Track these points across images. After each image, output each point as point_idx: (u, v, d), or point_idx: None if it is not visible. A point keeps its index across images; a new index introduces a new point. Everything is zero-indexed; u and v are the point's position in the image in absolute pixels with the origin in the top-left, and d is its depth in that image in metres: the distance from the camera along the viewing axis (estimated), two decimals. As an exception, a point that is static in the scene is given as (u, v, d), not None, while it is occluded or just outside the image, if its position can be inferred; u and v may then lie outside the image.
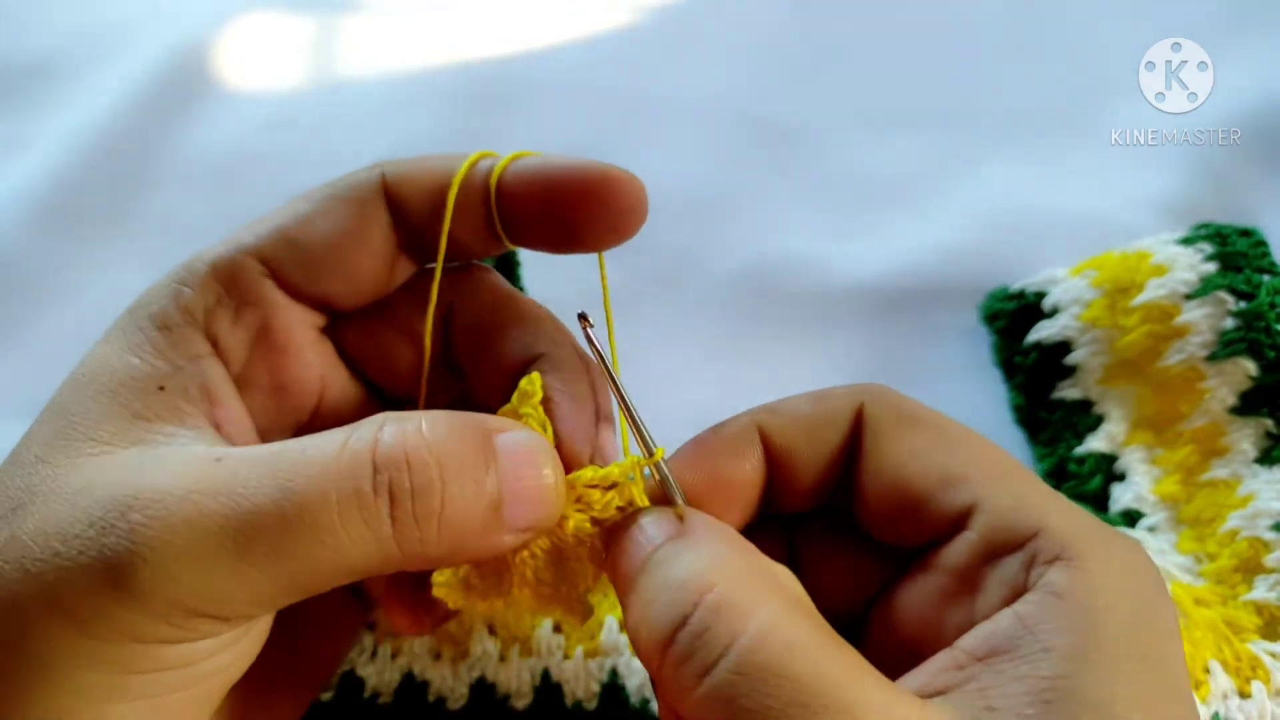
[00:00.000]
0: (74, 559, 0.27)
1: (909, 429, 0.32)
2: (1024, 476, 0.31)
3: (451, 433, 0.30)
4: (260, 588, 0.27)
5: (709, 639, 0.26)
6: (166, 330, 0.33)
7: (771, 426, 0.33)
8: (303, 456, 0.28)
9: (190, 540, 0.27)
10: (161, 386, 0.32)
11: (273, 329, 0.35)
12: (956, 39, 0.73)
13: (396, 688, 0.43)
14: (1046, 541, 0.28)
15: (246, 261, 0.35)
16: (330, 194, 0.36)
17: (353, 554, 0.28)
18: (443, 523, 0.29)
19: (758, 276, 0.61)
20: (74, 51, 0.75)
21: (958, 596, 0.30)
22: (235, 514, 0.27)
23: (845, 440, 0.33)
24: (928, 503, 0.31)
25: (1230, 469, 0.47)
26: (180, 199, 0.67)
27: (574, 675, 0.43)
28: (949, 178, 0.65)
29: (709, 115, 0.70)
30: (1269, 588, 0.43)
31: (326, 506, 0.27)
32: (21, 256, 0.64)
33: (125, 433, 0.30)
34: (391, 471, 0.28)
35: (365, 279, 0.36)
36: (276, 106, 0.72)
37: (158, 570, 0.26)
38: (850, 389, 0.34)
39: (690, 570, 0.28)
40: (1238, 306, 0.49)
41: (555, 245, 0.36)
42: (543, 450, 0.31)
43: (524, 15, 0.77)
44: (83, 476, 0.29)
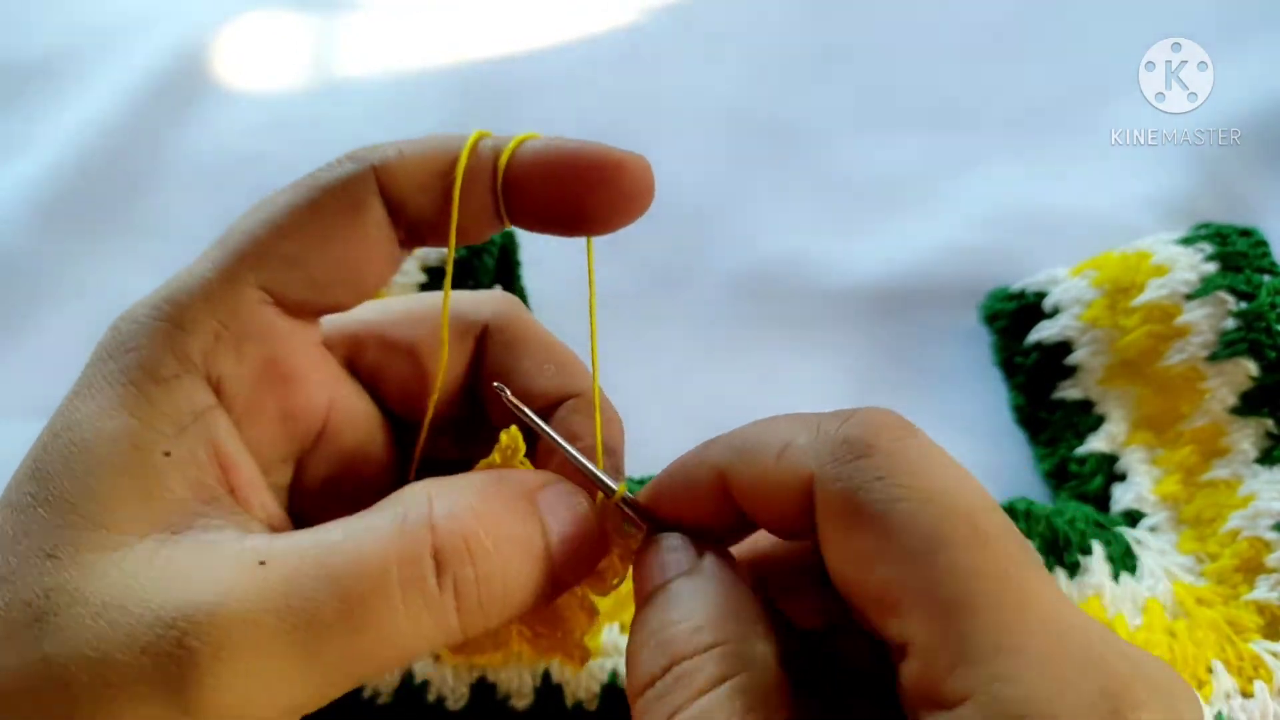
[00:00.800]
0: (129, 689, 0.25)
1: (857, 526, 0.27)
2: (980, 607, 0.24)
3: (504, 506, 0.30)
4: (325, 690, 0.27)
5: (663, 704, 0.26)
6: (163, 383, 0.30)
7: (734, 473, 0.31)
8: (359, 554, 0.27)
9: (254, 661, 0.26)
10: (167, 453, 0.29)
11: (278, 360, 0.33)
12: (956, 39, 0.73)
13: (396, 688, 0.43)
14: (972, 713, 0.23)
15: (242, 289, 0.31)
16: (318, 197, 0.32)
17: (416, 645, 0.28)
18: (505, 602, 0.29)
19: (758, 276, 0.61)
20: (74, 51, 0.75)
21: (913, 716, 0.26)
22: (299, 630, 0.26)
23: (805, 506, 0.29)
24: (871, 621, 0.27)
25: (1231, 469, 0.47)
26: (180, 199, 0.67)
27: (575, 676, 0.43)
28: (949, 178, 0.65)
29: (709, 115, 0.70)
30: (1270, 587, 0.43)
31: (391, 609, 0.27)
32: (21, 256, 0.64)
33: (137, 515, 0.28)
34: (455, 567, 0.28)
35: (368, 281, 0.34)
36: (276, 106, 0.72)
37: (226, 693, 0.26)
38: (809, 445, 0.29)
39: (678, 629, 0.28)
40: (1238, 307, 0.49)
41: (558, 227, 0.34)
42: (580, 499, 0.32)
43: (524, 15, 0.77)
44: (108, 583, 0.26)
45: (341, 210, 0.32)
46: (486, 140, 0.34)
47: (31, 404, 0.32)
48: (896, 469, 0.27)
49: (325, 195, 0.32)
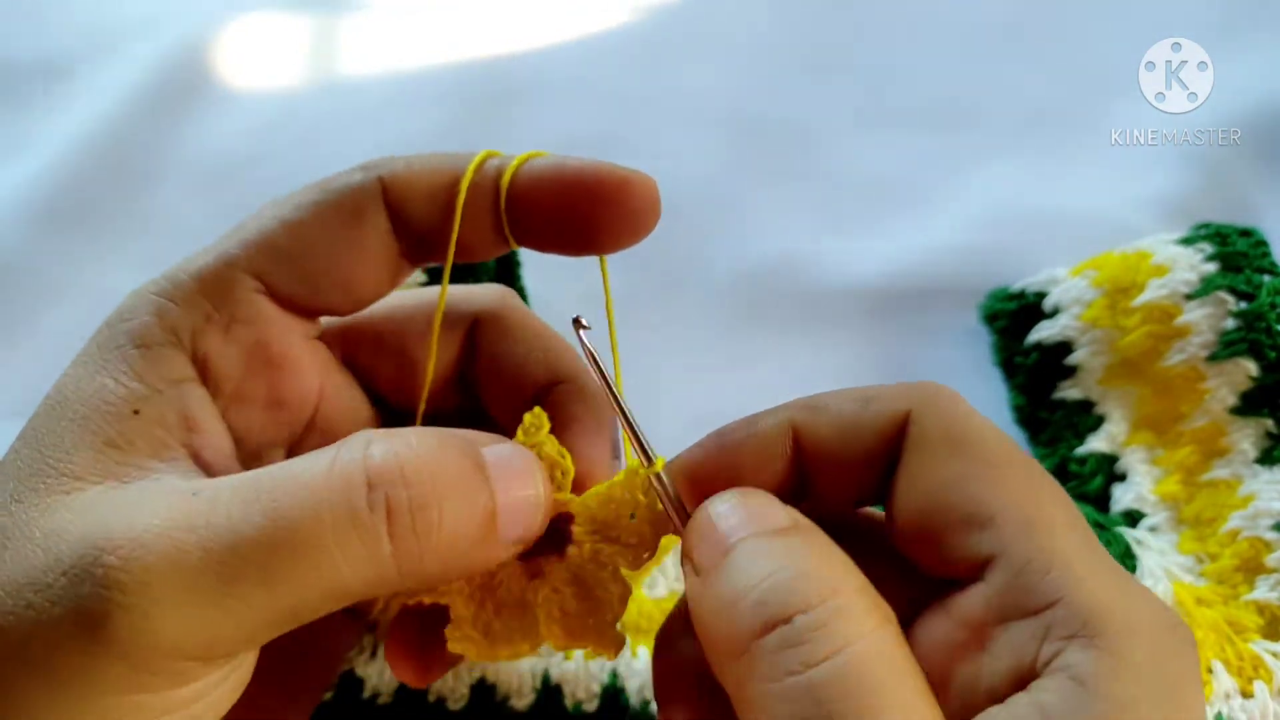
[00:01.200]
0: (47, 611, 0.25)
1: (951, 451, 0.29)
2: (1061, 528, 0.28)
3: (443, 448, 0.29)
4: (248, 624, 0.26)
5: (820, 637, 0.25)
6: (145, 349, 0.31)
7: (808, 427, 0.31)
8: (288, 478, 0.27)
9: (170, 582, 0.25)
10: (136, 410, 0.30)
11: (267, 344, 0.34)
12: (956, 39, 0.73)
13: (396, 688, 0.43)
14: (1066, 614, 0.26)
15: (237, 276, 0.33)
16: (322, 200, 0.34)
17: (347, 576, 0.27)
18: (440, 537, 0.28)
19: (758, 277, 0.61)
20: (74, 51, 0.75)
21: (967, 650, 0.28)
22: (218, 546, 0.25)
23: (886, 448, 0.31)
24: (950, 540, 0.28)
25: (1231, 469, 0.47)
26: (180, 199, 0.67)
27: (574, 676, 0.43)
28: (949, 178, 0.65)
29: (709, 115, 0.70)
30: (1270, 587, 0.43)
31: (319, 527, 0.26)
32: (21, 256, 0.64)
33: (96, 464, 0.29)
34: (388, 487, 0.27)
35: (364, 289, 0.35)
36: (276, 106, 0.72)
37: (136, 618, 0.25)
38: (901, 391, 0.31)
39: (796, 571, 0.26)
40: (1238, 307, 0.49)
41: (565, 247, 0.35)
42: (531, 462, 0.31)
43: (524, 15, 0.77)
44: (55, 518, 0.27)
45: (342, 214, 0.33)
46: (493, 159, 0.34)
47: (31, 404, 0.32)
48: (977, 417, 0.30)
49: (329, 198, 0.33)
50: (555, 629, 0.33)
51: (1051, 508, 0.28)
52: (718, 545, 0.28)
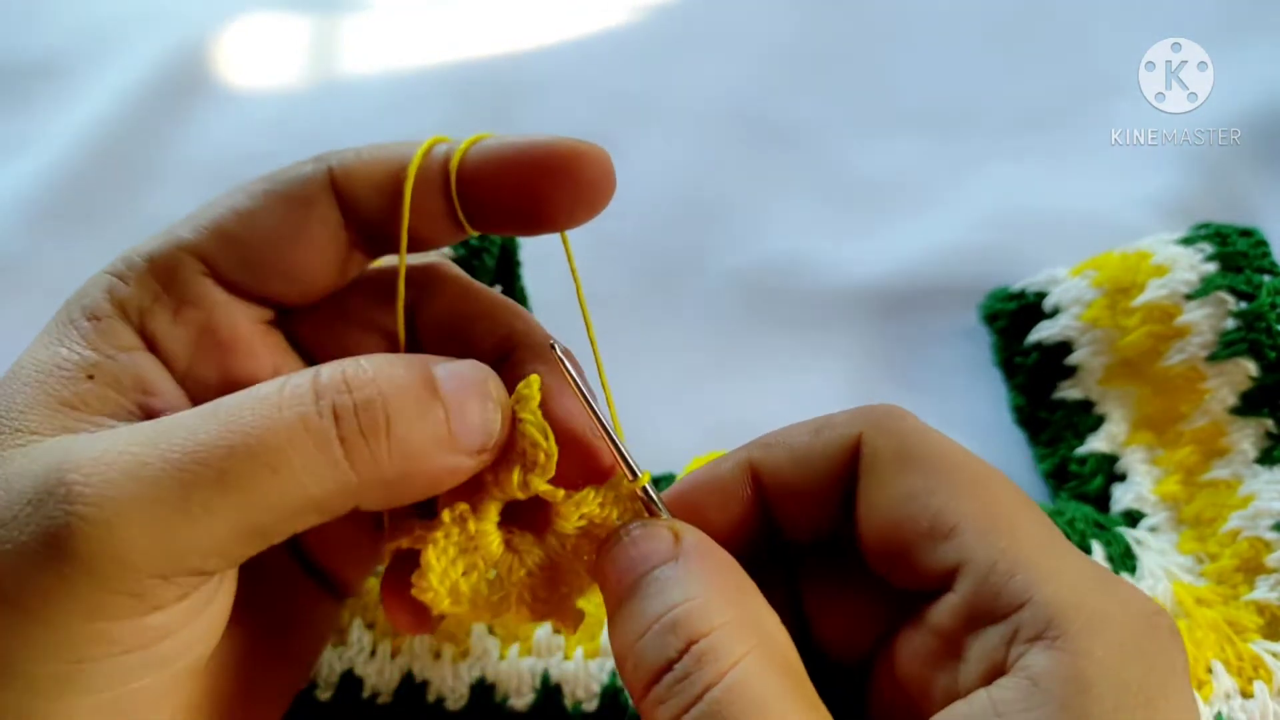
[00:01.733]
0: (14, 539, 0.25)
1: (905, 467, 0.30)
2: (1023, 530, 0.28)
3: (390, 362, 0.30)
4: (213, 534, 0.26)
5: (687, 685, 0.26)
6: (96, 320, 0.32)
7: (765, 464, 0.32)
8: (244, 396, 0.28)
9: (132, 491, 0.25)
10: (90, 376, 0.31)
11: (216, 327, 0.34)
12: (956, 39, 0.73)
13: (396, 687, 0.43)
14: (1030, 615, 0.26)
15: (184, 259, 0.33)
16: (271, 189, 0.34)
17: (307, 482, 0.27)
18: (392, 439, 0.28)
19: (757, 277, 0.61)
20: (74, 51, 0.75)
21: (943, 660, 0.28)
22: (178, 455, 0.26)
23: (843, 474, 0.31)
24: (916, 553, 0.29)
25: (1231, 469, 0.47)
26: (180, 199, 0.67)
27: (574, 676, 0.43)
28: (949, 178, 0.65)
29: (709, 115, 0.70)
30: (1270, 587, 0.43)
31: (274, 434, 0.27)
32: (21, 256, 0.64)
33: (52, 419, 0.29)
34: (333, 394, 0.28)
35: (313, 278, 0.35)
36: (276, 106, 0.72)
37: (101, 529, 0.25)
38: (852, 416, 0.32)
39: (683, 609, 0.27)
40: (1238, 307, 0.49)
41: (521, 227, 0.34)
42: (484, 371, 0.31)
43: (524, 15, 0.77)
44: (13, 465, 0.27)
45: (290, 202, 0.34)
46: (441, 145, 0.34)
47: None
48: (931, 432, 0.31)
49: (278, 187, 0.34)
50: (524, 610, 0.34)
51: (1012, 511, 0.29)
52: (621, 579, 0.29)
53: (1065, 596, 0.26)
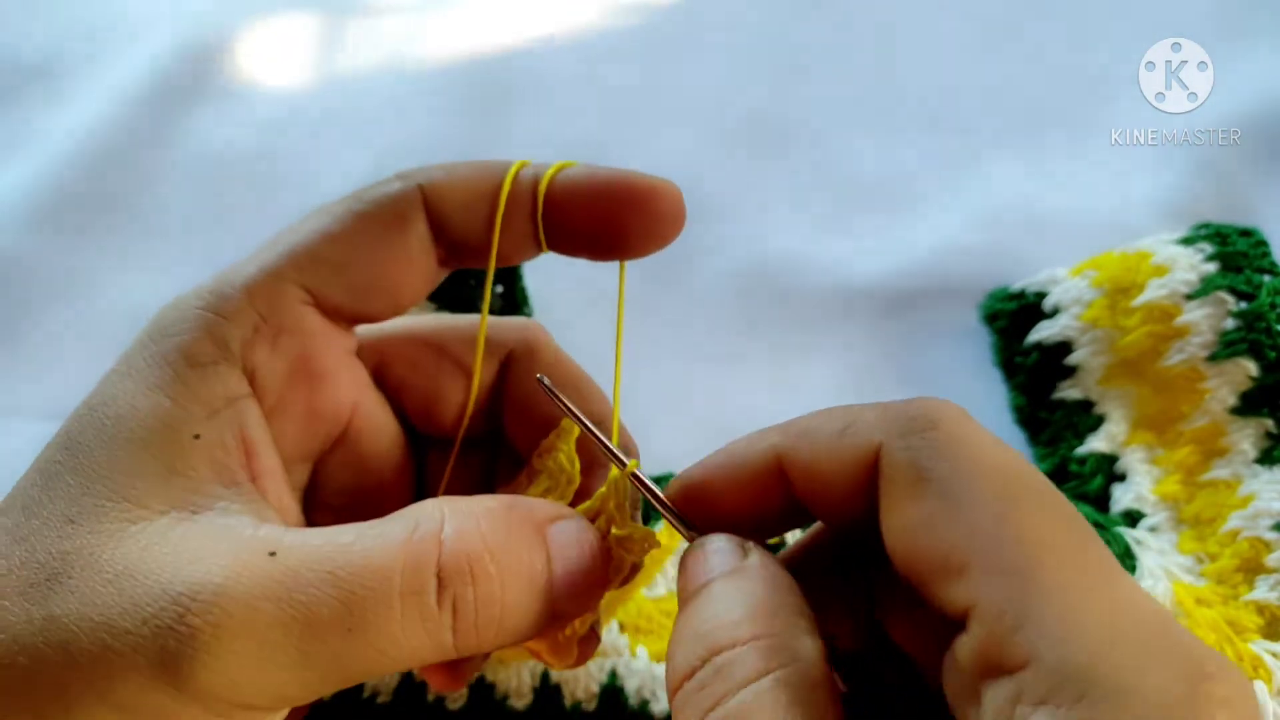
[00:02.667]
0: (127, 656, 0.26)
1: (920, 491, 0.27)
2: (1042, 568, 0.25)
3: (511, 533, 0.30)
4: (315, 687, 0.28)
5: (704, 695, 0.26)
6: (199, 367, 0.31)
7: (792, 454, 0.31)
8: (364, 558, 0.28)
9: (250, 646, 0.26)
10: (197, 435, 0.30)
11: (310, 357, 0.34)
12: (956, 39, 0.73)
13: (395, 687, 0.43)
14: (1034, 677, 0.23)
15: (286, 288, 0.33)
16: (363, 210, 0.34)
17: (409, 657, 0.28)
18: (501, 629, 0.29)
19: (757, 276, 0.61)
20: (74, 51, 0.75)
21: (968, 698, 0.26)
22: (296, 622, 0.27)
23: (867, 478, 0.29)
24: (930, 589, 0.27)
25: (1231, 469, 0.47)
26: (181, 198, 0.67)
27: (573, 676, 0.43)
28: (949, 178, 0.65)
29: (709, 115, 0.70)
30: (1270, 587, 0.43)
31: (390, 618, 0.27)
32: (21, 256, 0.64)
33: (160, 492, 0.29)
34: (456, 586, 0.28)
35: (406, 295, 0.36)
36: (279, 105, 0.72)
37: (217, 674, 0.26)
38: (876, 419, 0.29)
39: (715, 623, 0.28)
40: (1238, 307, 0.49)
41: (594, 252, 0.36)
42: (590, 537, 0.32)
43: (525, 14, 0.77)
44: (122, 552, 0.27)
45: (387, 223, 0.34)
46: (528, 168, 0.35)
47: (31, 404, 0.33)
48: (960, 443, 0.27)
49: (373, 208, 0.34)
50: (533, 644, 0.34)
51: (1035, 542, 0.25)
52: (682, 591, 0.30)
53: (1077, 660, 0.23)
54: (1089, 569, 0.25)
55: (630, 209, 0.34)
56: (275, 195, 0.66)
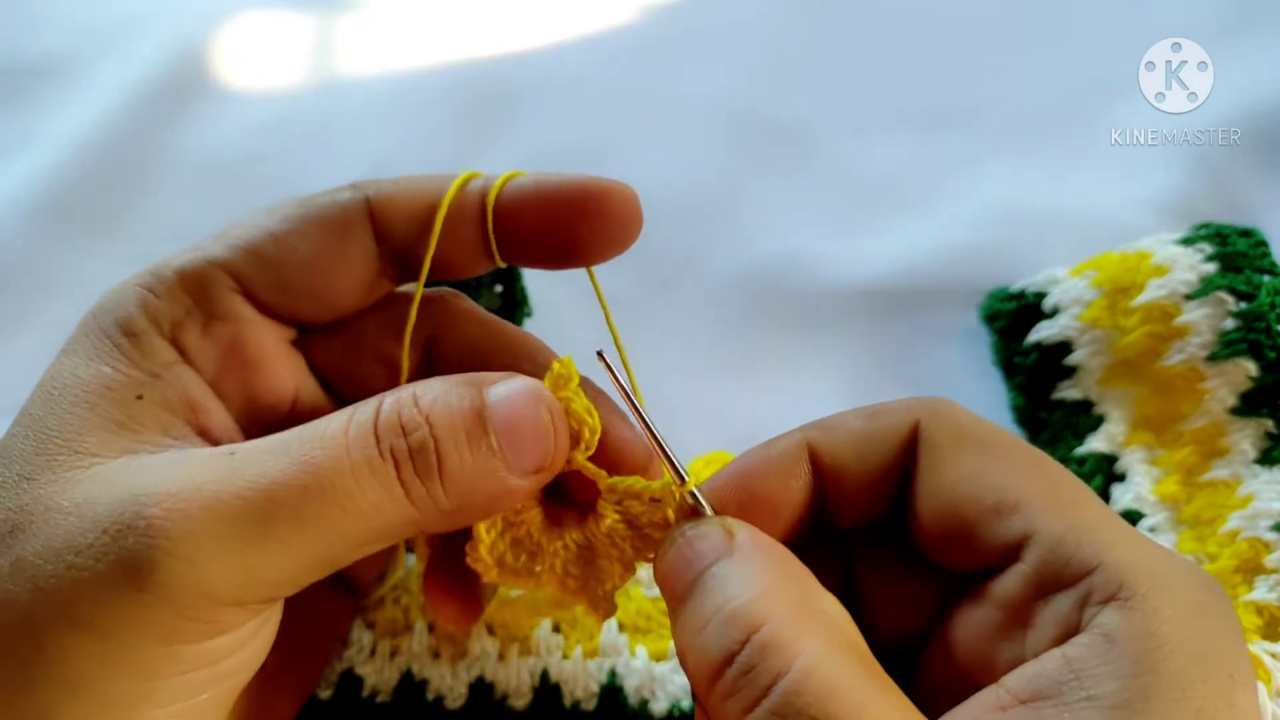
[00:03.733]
0: (91, 568, 0.26)
1: (965, 449, 0.31)
2: (1084, 503, 0.30)
3: (444, 392, 0.30)
4: (287, 564, 0.28)
5: (754, 677, 0.26)
6: (134, 337, 0.33)
7: (822, 444, 0.33)
8: (315, 433, 0.29)
9: (212, 528, 0.27)
10: (140, 395, 0.32)
11: (243, 343, 0.35)
12: (956, 39, 0.73)
13: (395, 686, 0.43)
14: (1102, 578, 0.27)
15: (217, 275, 0.34)
16: (308, 214, 0.35)
17: (374, 517, 0.28)
18: (445, 477, 0.29)
19: (757, 277, 0.61)
20: (74, 51, 0.75)
21: (1009, 630, 0.29)
22: (255, 492, 0.27)
23: (900, 458, 0.32)
24: (980, 530, 0.30)
25: (1230, 469, 0.47)
26: (180, 199, 0.67)
27: (573, 675, 0.43)
28: (949, 178, 0.65)
29: (708, 115, 0.69)
30: (1269, 588, 0.43)
31: (342, 474, 0.28)
32: (21, 255, 0.64)
33: (111, 443, 0.30)
34: (390, 438, 0.29)
35: (342, 301, 0.36)
36: (276, 106, 0.72)
37: (182, 562, 0.26)
38: (907, 404, 0.33)
39: (740, 601, 0.27)
40: (1238, 307, 0.49)
41: (550, 261, 0.36)
42: (536, 392, 0.32)
43: (523, 15, 0.77)
44: (81, 489, 0.28)
45: (328, 228, 0.35)
46: (476, 180, 0.35)
47: (30, 403, 0.33)
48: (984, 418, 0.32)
49: (315, 212, 0.35)
50: (554, 581, 0.35)
51: (1072, 487, 0.30)
52: (680, 579, 0.30)
53: (1134, 561, 0.27)
54: (1108, 510, 0.30)
55: (583, 216, 0.34)
56: (273, 196, 0.65)
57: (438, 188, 0.35)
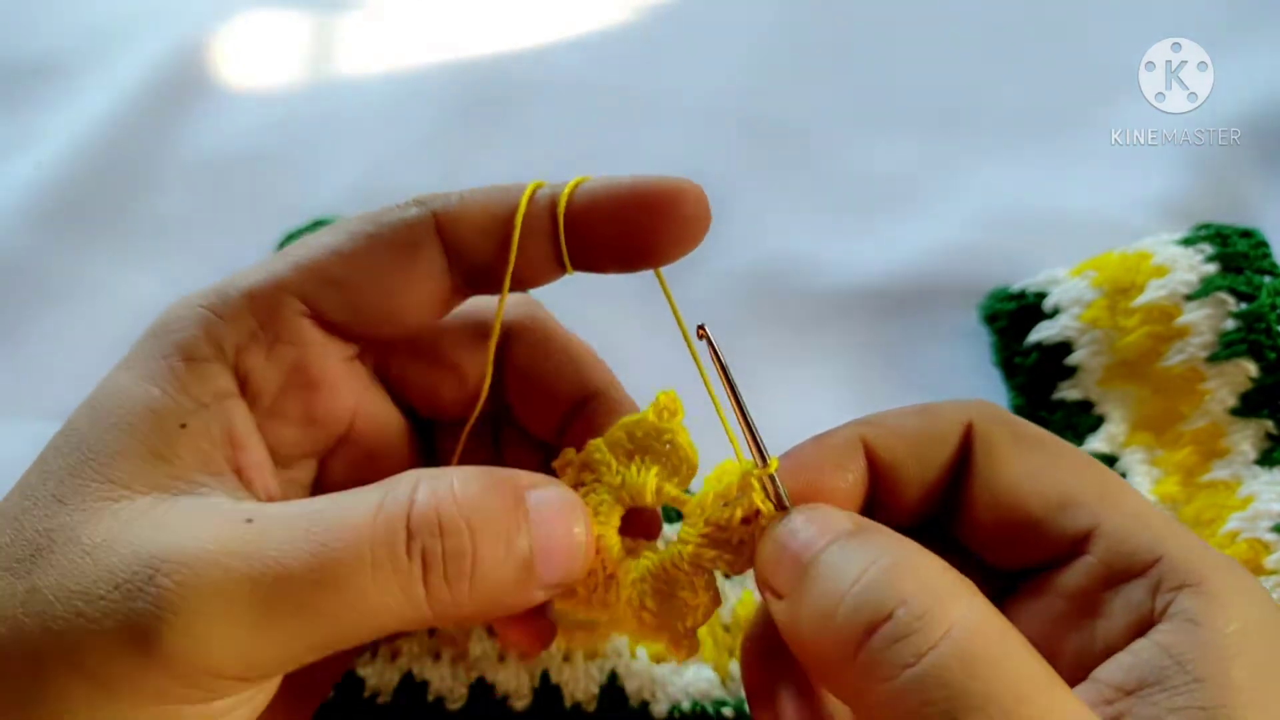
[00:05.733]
0: (98, 621, 0.26)
1: (1023, 448, 0.32)
2: (1140, 501, 0.31)
3: (485, 493, 0.30)
4: (287, 650, 0.27)
5: (909, 644, 0.25)
6: (193, 362, 0.32)
7: (876, 439, 0.33)
8: (338, 518, 0.28)
9: (219, 607, 0.26)
10: (184, 425, 0.31)
11: (306, 365, 0.34)
12: (956, 39, 0.73)
13: (396, 687, 0.43)
14: (1171, 568, 0.28)
15: (285, 298, 0.33)
16: (376, 232, 0.34)
17: (383, 615, 0.28)
18: (474, 584, 0.29)
19: (757, 277, 0.61)
20: (74, 51, 0.75)
21: (1076, 621, 0.30)
22: (266, 577, 0.27)
23: (953, 457, 0.33)
24: (1044, 525, 0.31)
25: (1230, 470, 0.47)
26: (180, 199, 0.67)
27: (573, 677, 0.43)
28: (949, 178, 0.65)
29: (709, 115, 0.69)
30: (1269, 589, 0.43)
31: (360, 570, 0.27)
32: (21, 256, 0.64)
33: (144, 474, 0.30)
34: (425, 537, 0.28)
35: (410, 319, 0.35)
36: (276, 106, 0.72)
37: (185, 636, 0.26)
38: (959, 405, 0.33)
39: (878, 571, 0.27)
40: (1238, 307, 0.49)
41: (622, 264, 0.35)
42: (573, 505, 0.32)
43: (523, 14, 0.77)
44: (103, 527, 0.28)
45: (395, 247, 0.34)
46: (544, 189, 0.35)
47: (31, 404, 0.33)
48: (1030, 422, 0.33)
49: (386, 230, 0.34)
50: (631, 618, 0.33)
51: (1118, 483, 0.32)
52: (796, 564, 0.29)
53: (1190, 549, 0.29)
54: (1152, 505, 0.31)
55: (655, 215, 0.34)
56: (274, 196, 0.66)
57: (505, 199, 0.35)
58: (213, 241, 0.64)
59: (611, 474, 0.34)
